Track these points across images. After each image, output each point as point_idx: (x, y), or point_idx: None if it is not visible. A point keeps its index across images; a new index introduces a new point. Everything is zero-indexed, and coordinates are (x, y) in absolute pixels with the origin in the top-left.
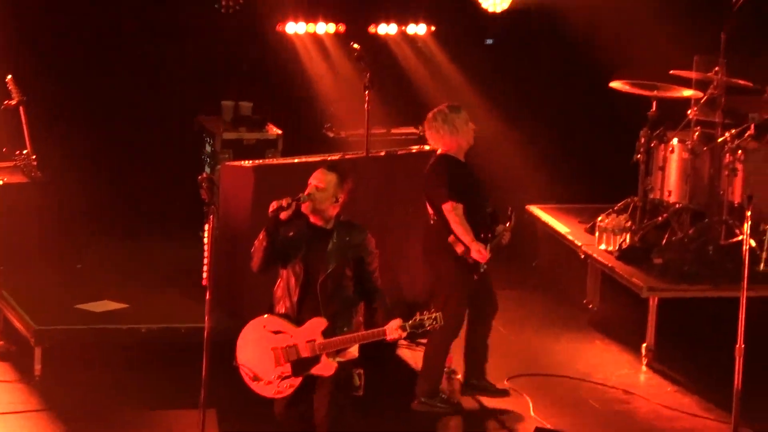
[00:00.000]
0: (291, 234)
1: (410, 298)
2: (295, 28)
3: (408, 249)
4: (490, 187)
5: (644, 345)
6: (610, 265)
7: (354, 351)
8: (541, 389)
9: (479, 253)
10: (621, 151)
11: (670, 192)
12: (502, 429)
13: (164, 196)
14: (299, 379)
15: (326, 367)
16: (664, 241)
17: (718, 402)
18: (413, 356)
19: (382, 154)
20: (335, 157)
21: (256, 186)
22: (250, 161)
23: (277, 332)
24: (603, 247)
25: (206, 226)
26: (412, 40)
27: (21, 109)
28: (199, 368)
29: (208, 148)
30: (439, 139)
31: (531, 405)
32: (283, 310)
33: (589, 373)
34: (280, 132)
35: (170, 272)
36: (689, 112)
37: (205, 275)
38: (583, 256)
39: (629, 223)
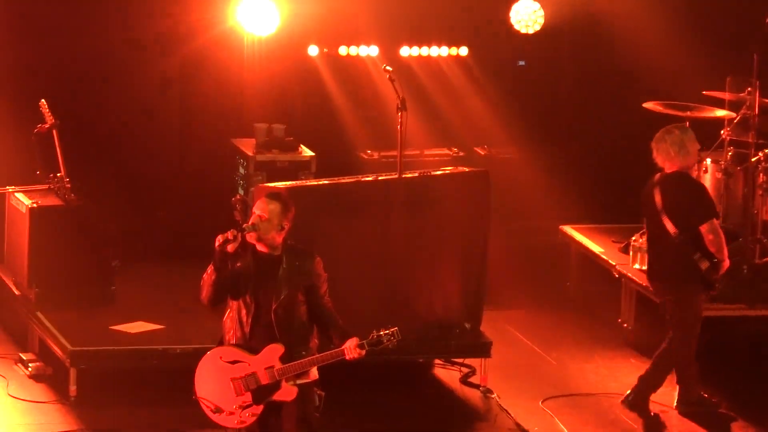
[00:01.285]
0: (238, 265)
1: (444, 318)
2: (328, 50)
3: (440, 269)
4: (524, 208)
5: None
6: (644, 284)
7: (314, 372)
8: (577, 409)
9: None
10: (655, 172)
11: None
12: None
13: (198, 218)
14: (261, 407)
15: (287, 392)
16: None
17: (756, 420)
18: (449, 375)
19: (416, 175)
20: (368, 177)
21: None
22: (284, 183)
23: (234, 362)
24: (637, 266)
25: None
26: (445, 62)
27: (54, 132)
28: None
29: (241, 170)
30: (668, 159)
31: (566, 430)
32: (233, 341)
33: (624, 392)
34: (313, 154)
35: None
36: (722, 132)
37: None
38: (617, 276)
39: None
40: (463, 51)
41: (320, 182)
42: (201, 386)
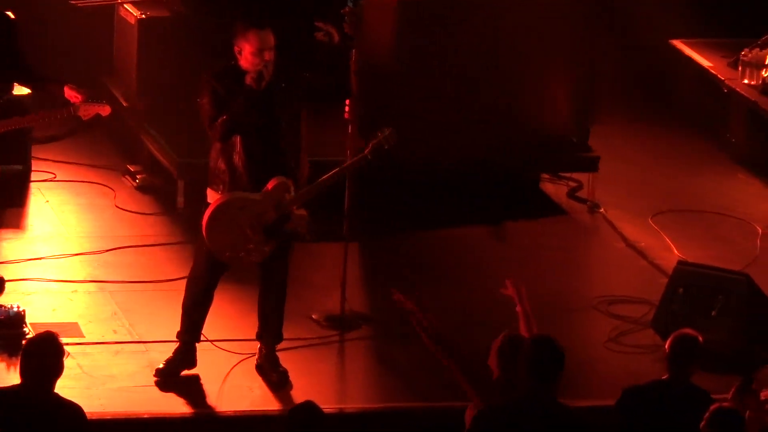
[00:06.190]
0: (238, 100)
1: (552, 132)
2: None
3: (548, 83)
4: (632, 22)
5: None
6: (753, 99)
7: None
8: (684, 224)
9: None
10: None
11: None
12: (643, 262)
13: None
14: (277, 241)
15: (298, 220)
16: None
17: None
18: (556, 190)
19: None
20: None
21: (398, 21)
22: None
23: (242, 208)
24: (746, 81)
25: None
26: None
27: None
28: (341, 203)
29: None
30: None
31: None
32: (242, 174)
33: (731, 208)
34: None
35: (312, 105)
36: None
37: (347, 109)
38: (726, 91)
39: None
40: None
41: None
42: (214, 238)
